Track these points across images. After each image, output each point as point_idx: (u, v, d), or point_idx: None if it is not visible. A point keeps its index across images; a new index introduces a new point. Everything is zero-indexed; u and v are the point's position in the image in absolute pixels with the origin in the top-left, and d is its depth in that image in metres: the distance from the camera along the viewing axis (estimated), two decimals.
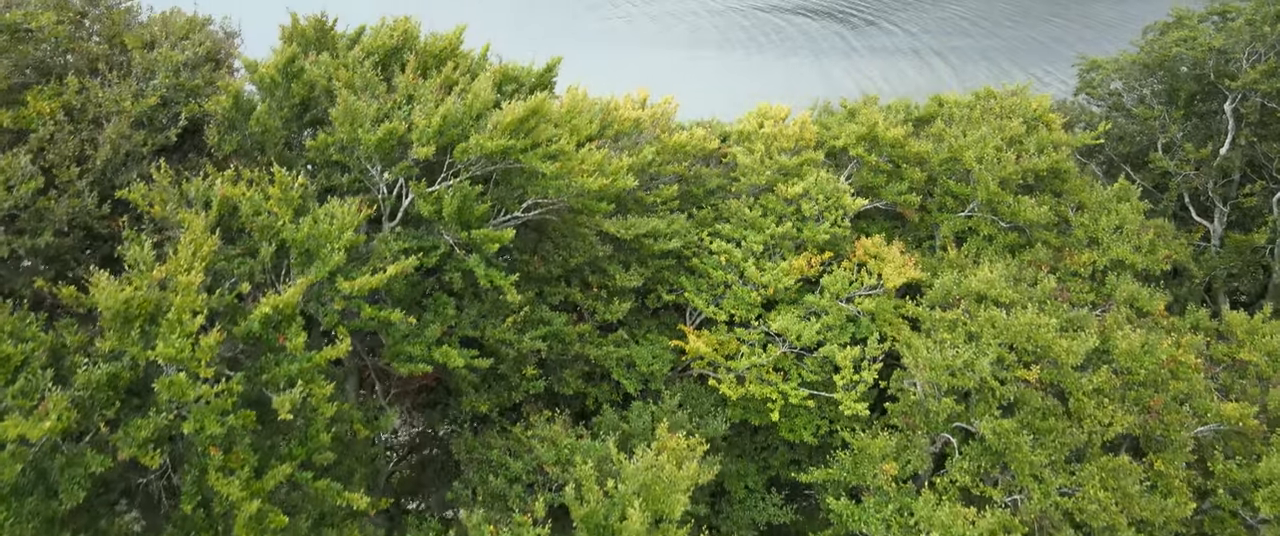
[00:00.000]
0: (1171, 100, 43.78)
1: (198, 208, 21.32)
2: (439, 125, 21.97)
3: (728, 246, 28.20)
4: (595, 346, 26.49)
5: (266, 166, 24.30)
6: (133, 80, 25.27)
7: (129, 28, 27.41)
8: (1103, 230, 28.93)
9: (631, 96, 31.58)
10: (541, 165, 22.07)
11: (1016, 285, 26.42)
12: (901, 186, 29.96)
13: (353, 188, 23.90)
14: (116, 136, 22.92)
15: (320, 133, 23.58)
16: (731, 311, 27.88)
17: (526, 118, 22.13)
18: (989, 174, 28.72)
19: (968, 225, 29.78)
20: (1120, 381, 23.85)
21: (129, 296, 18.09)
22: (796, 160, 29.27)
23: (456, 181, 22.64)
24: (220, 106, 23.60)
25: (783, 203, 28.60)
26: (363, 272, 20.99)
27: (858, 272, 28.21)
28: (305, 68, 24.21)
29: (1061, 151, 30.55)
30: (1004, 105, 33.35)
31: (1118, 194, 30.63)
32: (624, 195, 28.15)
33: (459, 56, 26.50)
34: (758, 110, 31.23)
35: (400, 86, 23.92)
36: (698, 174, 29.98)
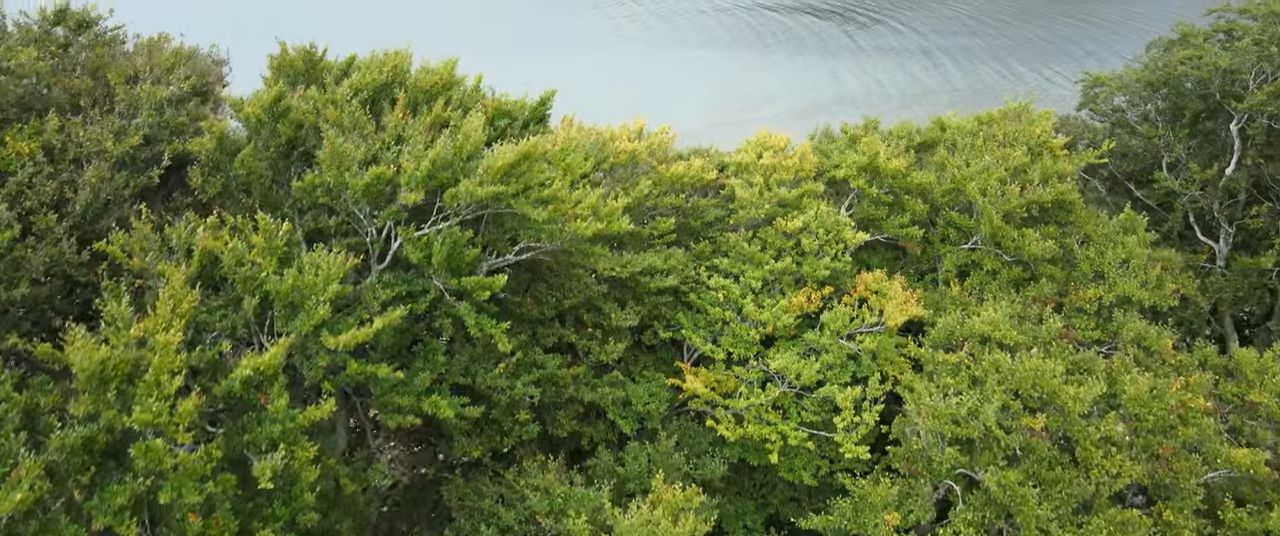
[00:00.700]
0: (1176, 118, 43.13)
1: (180, 256, 20.73)
2: (428, 170, 21.33)
3: (726, 282, 27.58)
4: (590, 389, 25.88)
5: (251, 210, 23.72)
6: (115, 117, 24.69)
7: (113, 60, 26.81)
8: (1108, 264, 28.31)
9: (628, 126, 30.93)
10: (533, 212, 21.45)
11: (1021, 325, 25.81)
12: (903, 219, 29.33)
13: (340, 230, 23.29)
14: (96, 180, 22.30)
15: (307, 173, 22.94)
16: (729, 349, 27.27)
17: (518, 162, 21.49)
18: (992, 207, 28.10)
19: (971, 258, 29.15)
20: (1128, 428, 23.27)
21: (105, 356, 17.46)
22: (796, 192, 28.63)
23: (446, 226, 22.01)
24: (204, 148, 22.96)
25: (782, 237, 27.97)
26: (349, 324, 20.41)
27: (859, 308, 27.59)
28: (292, 106, 23.58)
29: (1066, 182, 29.90)
30: (1006, 131, 32.68)
31: (1123, 225, 29.99)
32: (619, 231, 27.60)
33: (451, 90, 25.90)
34: (757, 140, 30.57)
35: (389, 126, 23.29)
36: (695, 206, 29.33)
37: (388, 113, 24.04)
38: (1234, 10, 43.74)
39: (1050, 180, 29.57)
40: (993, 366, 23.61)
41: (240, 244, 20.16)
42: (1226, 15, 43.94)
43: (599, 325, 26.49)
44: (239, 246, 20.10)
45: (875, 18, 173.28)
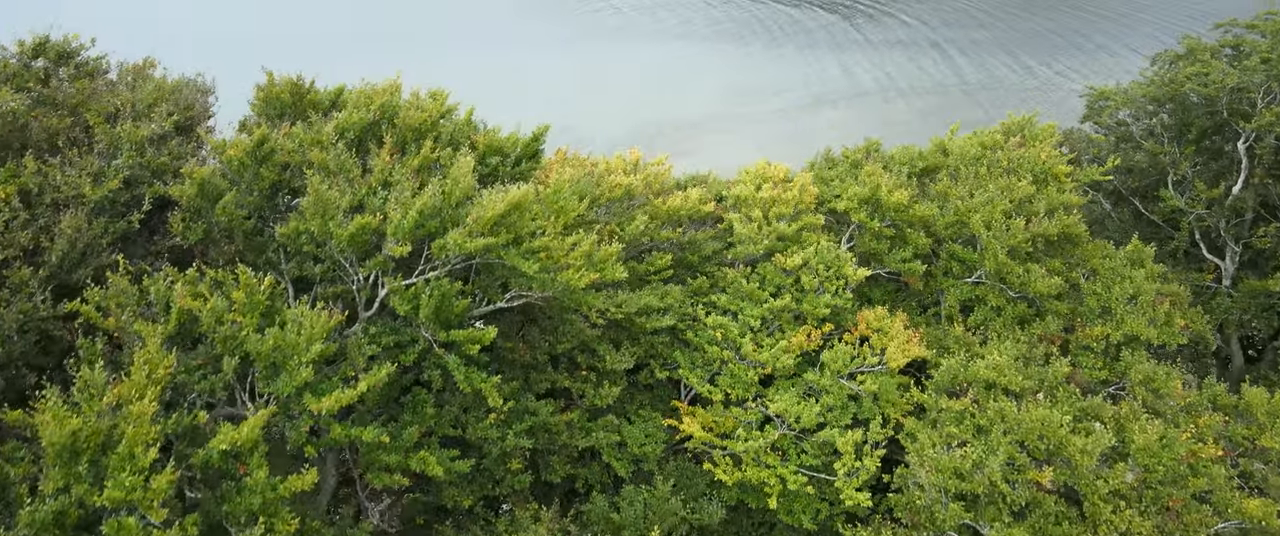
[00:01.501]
0: (1182, 134, 42.41)
1: (159, 310, 20.04)
2: (415, 220, 20.64)
3: (723, 320, 26.88)
4: (584, 434, 25.22)
5: (233, 258, 23.04)
6: (95, 156, 23.95)
7: (95, 94, 26.03)
8: (1115, 299, 27.61)
9: (623, 156, 30.18)
10: (523, 264, 20.75)
11: (1027, 367, 25.14)
12: (905, 253, 28.63)
13: (326, 277, 22.62)
14: (73, 230, 21.58)
15: (292, 218, 22.25)
16: (727, 390, 26.60)
17: (508, 212, 20.78)
18: (997, 242, 27.40)
19: (975, 293, 28.46)
20: (1138, 479, 22.61)
21: (77, 427, 16.79)
22: (795, 226, 27.92)
23: (434, 277, 21.32)
24: (185, 195, 22.22)
25: (781, 273, 27.28)
26: (333, 382, 19.73)
27: (860, 347, 26.92)
28: (276, 149, 22.88)
29: (1073, 214, 29.19)
30: (1011, 157, 31.99)
31: (1131, 257, 29.29)
32: None
33: (441, 125, 25.20)
34: (756, 170, 29.83)
35: (376, 169, 22.58)
36: (692, 239, 28.61)
37: (375, 153, 23.36)
38: (1241, 25, 42.99)
39: (1056, 212, 28.86)
40: (998, 415, 22.95)
41: (220, 301, 19.45)
42: (1234, 30, 43.19)
43: (593, 367, 25.82)
44: (219, 303, 19.40)
45: (884, 10, 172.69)
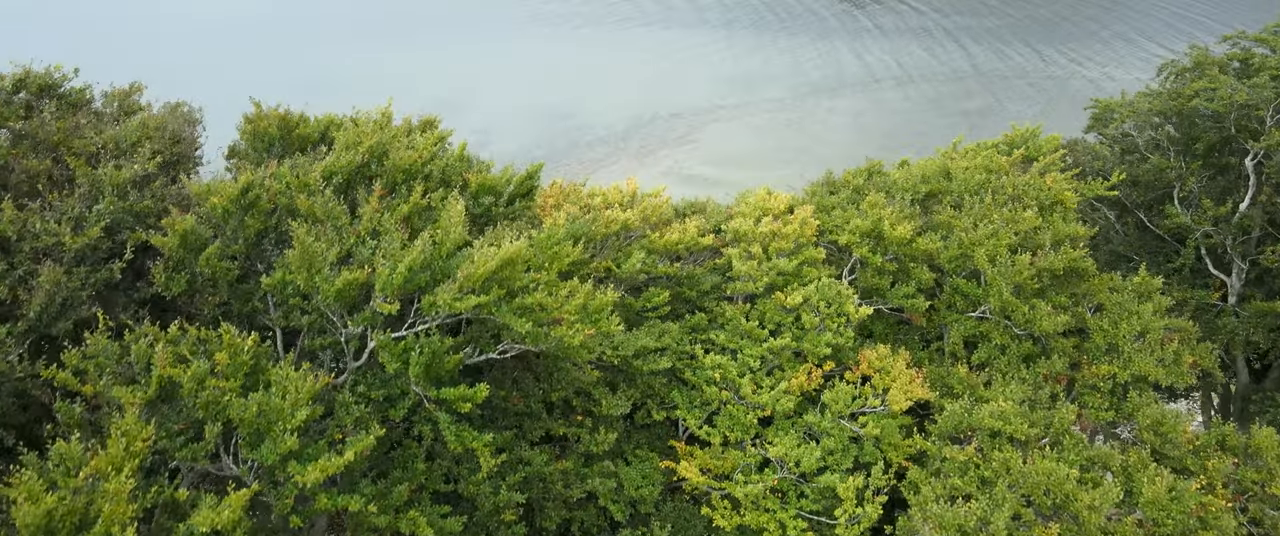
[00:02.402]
0: (1188, 148, 41.71)
1: (139, 369, 19.44)
2: (404, 276, 20.01)
3: (722, 360, 26.31)
4: (580, 480, 24.68)
5: (217, 309, 22.44)
6: (76, 199, 23.28)
7: (77, 131, 25.31)
8: (1123, 336, 27.01)
9: (620, 187, 29.51)
10: (515, 322, 20.13)
11: (1032, 411, 24.57)
12: (908, 289, 28.02)
13: (314, 327, 22.01)
14: (51, 283, 20.94)
15: (277, 268, 21.63)
16: (726, 432, 26.06)
17: (500, 268, 20.15)
18: (1002, 278, 26.77)
19: (979, 329, 27.86)
20: (1146, 533, 22.10)
21: (51, 506, 16.23)
22: (795, 262, 27.30)
23: (424, 332, 20.73)
24: (167, 246, 21.57)
25: (781, 310, 26.68)
26: (319, 447, 19.15)
27: (861, 386, 26.39)
28: (262, 195, 22.23)
29: (1079, 247, 28.56)
30: (1016, 184, 31.33)
31: (1138, 289, 28.67)
32: None
33: (431, 164, 24.55)
34: (756, 201, 29.17)
35: (364, 216, 21.94)
36: (691, 274, 27.99)
37: (363, 198, 22.72)
38: (1250, 38, 42.21)
39: (1062, 245, 28.22)
40: (1003, 467, 22.41)
41: (202, 364, 18.84)
42: (1242, 42, 42.42)
43: (589, 412, 25.27)
44: (201, 367, 18.78)
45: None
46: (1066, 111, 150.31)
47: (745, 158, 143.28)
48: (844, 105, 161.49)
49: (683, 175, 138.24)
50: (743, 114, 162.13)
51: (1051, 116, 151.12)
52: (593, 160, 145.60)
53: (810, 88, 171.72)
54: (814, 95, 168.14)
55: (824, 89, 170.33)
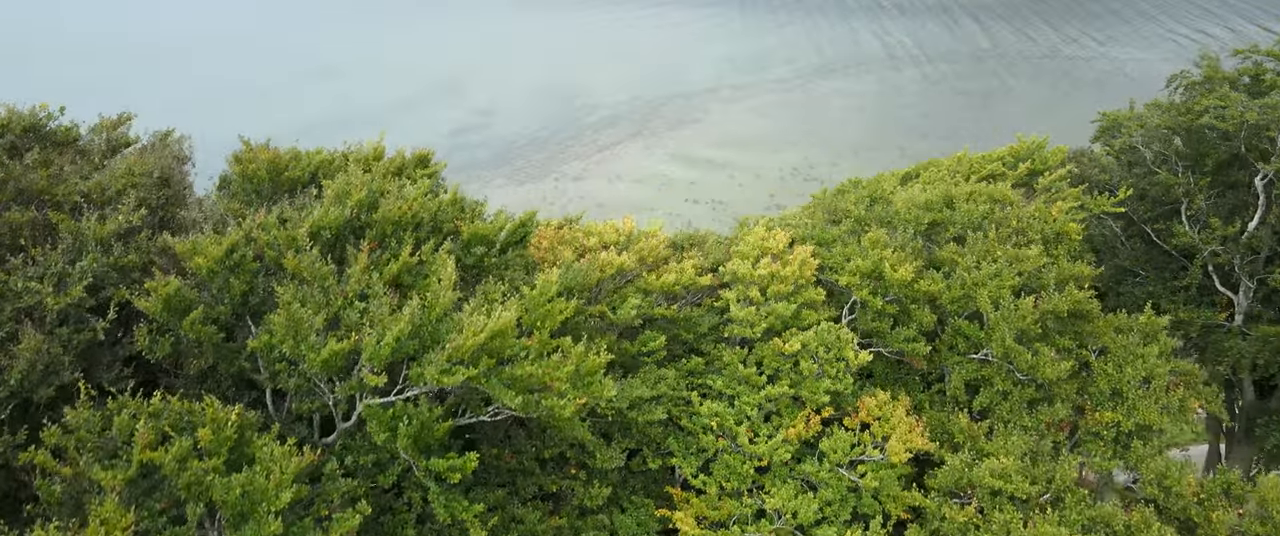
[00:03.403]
0: (1197, 164, 40.99)
1: (120, 442, 19.08)
2: (392, 347, 19.58)
3: (719, 407, 25.91)
4: (574, 534, 24.38)
5: (204, 370, 22.07)
6: (59, 254, 22.84)
7: (61, 178, 24.83)
8: (1127, 382, 26.54)
9: (617, 226, 28.92)
10: (504, 395, 19.71)
11: (1034, 465, 24.17)
12: (909, 332, 27.52)
13: (302, 389, 21.62)
14: (32, 352, 20.54)
15: (261, 332, 21.20)
16: (722, 482, 25.71)
17: (490, 339, 19.70)
18: (1006, 323, 26.26)
19: (981, 373, 27.39)
20: None
21: None
22: (794, 305, 26.80)
23: (413, 402, 20.33)
24: (151, 309, 21.14)
25: (779, 357, 26.23)
26: (305, 525, 18.83)
27: (861, 433, 25.99)
28: (247, 255, 21.77)
29: (1084, 289, 28.01)
30: (1020, 216, 30.74)
31: (1144, 331, 28.13)
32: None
33: (421, 214, 24.03)
34: (755, 238, 28.61)
35: (352, 278, 21.46)
36: (687, 316, 27.53)
37: (352, 255, 22.25)
38: (1262, 52, 41.34)
39: (1067, 285, 27.67)
40: (1004, 530, 22.04)
41: (184, 442, 18.47)
42: (1254, 57, 41.55)
43: (583, 464, 24.91)
44: (183, 445, 18.41)
45: None
46: (1082, 92, 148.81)
47: (751, 140, 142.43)
48: (853, 86, 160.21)
49: (687, 158, 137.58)
50: (750, 94, 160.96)
51: (1066, 97, 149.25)
52: (596, 143, 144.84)
53: (818, 68, 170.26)
54: (822, 75, 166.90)
55: (833, 69, 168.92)
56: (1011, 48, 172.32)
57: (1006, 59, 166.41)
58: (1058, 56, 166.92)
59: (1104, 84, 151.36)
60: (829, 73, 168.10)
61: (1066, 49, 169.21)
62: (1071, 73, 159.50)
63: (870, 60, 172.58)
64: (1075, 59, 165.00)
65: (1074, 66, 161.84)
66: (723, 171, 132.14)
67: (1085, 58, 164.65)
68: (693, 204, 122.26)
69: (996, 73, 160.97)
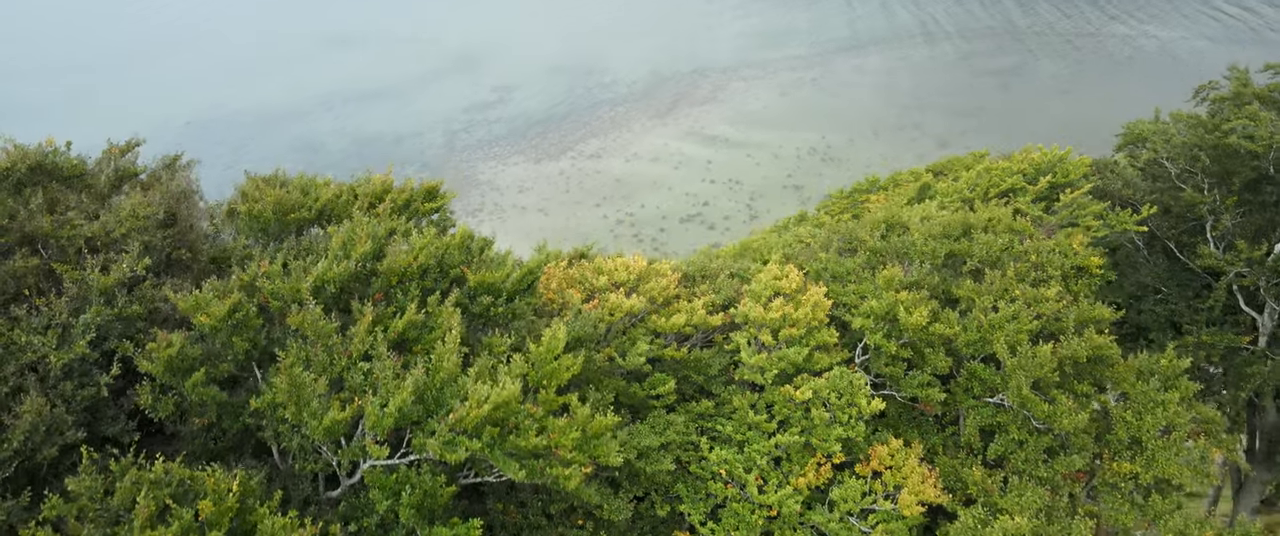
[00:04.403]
0: (1223, 181, 40.08)
1: (122, 510, 18.96)
2: (394, 418, 19.31)
3: (728, 453, 25.59)
4: None
5: (207, 427, 21.91)
6: (63, 304, 22.65)
7: (66, 222, 24.60)
8: (1147, 431, 25.99)
9: (628, 264, 28.44)
10: (508, 466, 19.43)
11: (1049, 523, 23.76)
12: (923, 377, 27.03)
13: (305, 450, 21.43)
14: (35, 413, 20.39)
15: (265, 389, 20.99)
16: (731, 531, 25.44)
17: (494, 410, 19.39)
18: (1022, 371, 25.72)
19: (996, 419, 26.90)
20: None
21: None
22: (806, 349, 26.34)
23: (416, 467, 20.11)
24: (153, 370, 20.92)
25: (790, 404, 25.84)
26: None
27: (872, 482, 25.64)
28: (250, 313, 21.51)
29: (1105, 334, 27.40)
30: (1040, 250, 30.07)
31: (1165, 376, 27.50)
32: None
33: (427, 265, 23.68)
34: (767, 277, 28.07)
35: (356, 337, 21.16)
36: (697, 358, 27.14)
37: (357, 310, 21.95)
38: None
39: (1087, 330, 27.07)
40: None
41: (185, 514, 18.32)
42: None
43: (591, 514, 24.68)
44: (184, 518, 18.26)
45: None
46: (1111, 70, 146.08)
47: (768, 118, 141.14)
48: (875, 63, 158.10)
49: (705, 136, 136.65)
50: (767, 72, 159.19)
51: (1085, 76, 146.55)
52: (614, 120, 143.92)
53: (840, 45, 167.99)
54: (841, 52, 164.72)
55: (856, 46, 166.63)
56: (1045, 23, 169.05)
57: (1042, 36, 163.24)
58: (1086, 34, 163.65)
59: (1134, 62, 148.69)
60: (851, 50, 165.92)
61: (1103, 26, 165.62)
62: (1101, 50, 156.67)
63: (895, 37, 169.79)
64: (1106, 36, 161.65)
65: (1103, 44, 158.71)
66: (740, 150, 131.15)
67: (1119, 36, 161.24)
68: (710, 183, 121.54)
69: (1025, 50, 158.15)
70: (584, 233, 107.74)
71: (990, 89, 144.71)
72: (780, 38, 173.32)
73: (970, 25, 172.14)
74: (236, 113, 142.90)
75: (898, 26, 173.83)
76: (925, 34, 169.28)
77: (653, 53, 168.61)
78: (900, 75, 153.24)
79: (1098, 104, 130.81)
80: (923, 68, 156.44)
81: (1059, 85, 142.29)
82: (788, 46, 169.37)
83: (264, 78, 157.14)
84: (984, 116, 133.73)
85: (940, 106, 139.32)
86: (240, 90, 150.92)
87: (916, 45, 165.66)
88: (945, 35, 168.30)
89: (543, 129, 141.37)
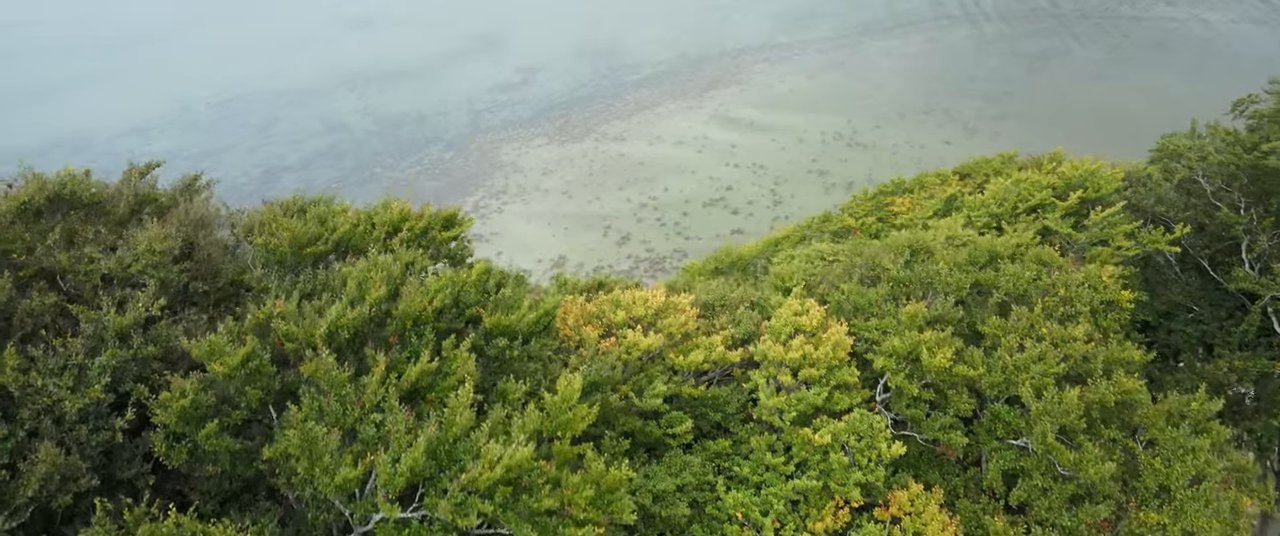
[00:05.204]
0: (1261, 200, 39.08)
1: None
2: (407, 477, 19.13)
3: (744, 496, 25.27)
4: None
5: (220, 475, 21.83)
6: (80, 343, 22.56)
7: (83, 257, 24.49)
8: (1176, 479, 25.41)
9: (646, 300, 28.02)
10: (520, 529, 19.22)
11: None
12: (946, 419, 26.55)
13: (318, 502, 21.31)
14: (49, 463, 20.34)
15: (278, 437, 20.85)
16: None
17: (508, 470, 19.15)
18: (1048, 418, 25.19)
19: (1019, 463, 26.40)
20: None
21: None
22: (825, 390, 25.91)
23: (428, 524, 19.93)
24: (166, 421, 20.82)
25: (808, 447, 25.46)
26: None
27: (891, 527, 25.26)
28: (264, 361, 21.33)
29: (1134, 376, 26.77)
30: (1067, 284, 29.40)
31: (1195, 421, 26.87)
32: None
33: (442, 307, 23.41)
34: (788, 313, 27.59)
35: (369, 387, 20.96)
36: (715, 396, 26.78)
37: (371, 357, 21.74)
38: None
39: (1116, 373, 26.46)
40: None
41: None
42: None
43: None
44: None
45: None
46: (1142, 54, 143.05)
47: (794, 101, 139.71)
48: (903, 46, 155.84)
49: (729, 119, 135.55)
50: (796, 53, 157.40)
51: (1121, 61, 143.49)
52: (638, 102, 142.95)
53: (867, 27, 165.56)
54: (870, 35, 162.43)
55: (884, 27, 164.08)
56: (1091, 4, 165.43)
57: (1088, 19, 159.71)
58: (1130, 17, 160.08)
59: (1175, 47, 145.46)
60: (880, 32, 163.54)
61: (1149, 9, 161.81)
62: (1134, 33, 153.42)
63: (929, 19, 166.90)
64: (1154, 19, 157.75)
65: (1138, 27, 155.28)
66: (765, 134, 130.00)
67: (1167, 18, 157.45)
68: (733, 167, 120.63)
69: (1069, 35, 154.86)
70: (607, 216, 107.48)
71: (1021, 74, 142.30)
72: (809, 19, 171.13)
73: (1013, 7, 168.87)
74: (257, 92, 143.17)
75: (939, 8, 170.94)
76: (966, 16, 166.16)
77: (679, 34, 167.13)
78: (930, 58, 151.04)
79: (1131, 91, 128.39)
80: (954, 51, 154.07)
81: (1093, 70, 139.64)
82: (816, 28, 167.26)
83: (284, 57, 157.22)
84: (1012, 102, 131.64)
85: (969, 91, 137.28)
86: (261, 69, 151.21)
87: (949, 27, 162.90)
88: (985, 16, 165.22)
89: (566, 110, 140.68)
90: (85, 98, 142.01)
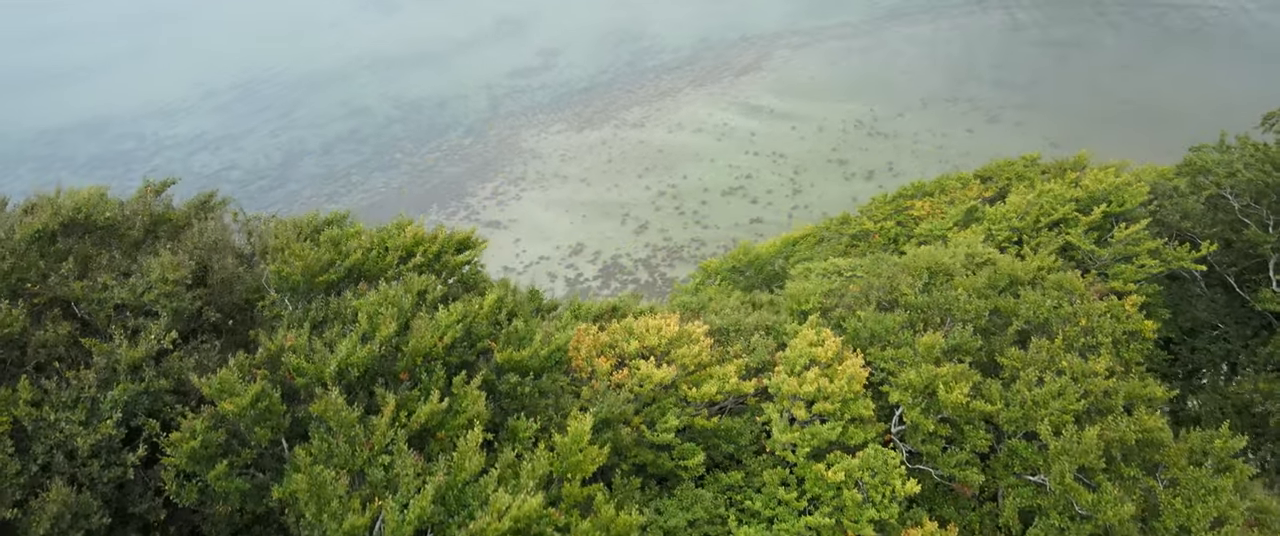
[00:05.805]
0: None
1: None
2: (414, 526, 19.03)
3: (756, 532, 25.07)
4: None
5: (231, 514, 21.83)
6: (93, 375, 22.58)
7: (97, 286, 24.48)
8: (1197, 522, 24.98)
9: (661, 330, 27.68)
10: None
11: None
12: (962, 455, 26.20)
13: None
14: (61, 503, 20.39)
15: (287, 477, 20.81)
16: None
17: (515, 523, 19.02)
18: (1067, 456, 24.80)
19: (1036, 501, 26.05)
20: None
21: None
22: (840, 425, 25.61)
23: None
24: (176, 462, 20.82)
25: (821, 483, 25.20)
26: None
27: None
28: (275, 399, 21.26)
29: (1155, 414, 26.31)
30: (1089, 314, 28.91)
31: (1218, 459, 26.41)
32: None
33: (452, 341, 23.24)
34: (803, 344, 27.24)
35: (378, 428, 20.86)
36: (727, 427, 26.54)
37: (381, 396, 21.63)
38: None
39: (1137, 410, 26.02)
40: None
41: None
42: None
43: None
44: None
45: None
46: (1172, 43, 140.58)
47: (814, 88, 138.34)
48: (927, 32, 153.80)
49: (749, 106, 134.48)
50: (817, 39, 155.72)
51: (1148, 50, 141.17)
52: (658, 89, 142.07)
53: (889, 11, 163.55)
54: (893, 20, 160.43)
55: (904, 13, 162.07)
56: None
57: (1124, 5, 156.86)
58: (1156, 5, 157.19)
59: (1198, 35, 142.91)
60: (903, 16, 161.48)
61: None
62: (1162, 21, 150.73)
63: (958, 3, 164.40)
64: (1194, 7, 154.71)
65: (1177, 15, 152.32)
66: (785, 122, 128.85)
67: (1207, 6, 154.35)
68: (753, 155, 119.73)
69: (1106, 22, 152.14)
70: (625, 204, 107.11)
71: (1050, 63, 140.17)
72: (833, 4, 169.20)
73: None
74: (280, 73, 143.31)
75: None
76: (1000, 2, 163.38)
77: (700, 19, 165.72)
78: (953, 45, 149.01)
79: (1163, 82, 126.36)
80: (978, 37, 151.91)
81: (1120, 58, 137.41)
82: (838, 13, 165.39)
83: (308, 38, 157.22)
84: (1037, 91, 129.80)
85: (993, 79, 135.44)
86: (284, 49, 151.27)
87: (979, 13, 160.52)
88: (1018, 3, 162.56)
89: (586, 96, 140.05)
90: (110, 78, 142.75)
